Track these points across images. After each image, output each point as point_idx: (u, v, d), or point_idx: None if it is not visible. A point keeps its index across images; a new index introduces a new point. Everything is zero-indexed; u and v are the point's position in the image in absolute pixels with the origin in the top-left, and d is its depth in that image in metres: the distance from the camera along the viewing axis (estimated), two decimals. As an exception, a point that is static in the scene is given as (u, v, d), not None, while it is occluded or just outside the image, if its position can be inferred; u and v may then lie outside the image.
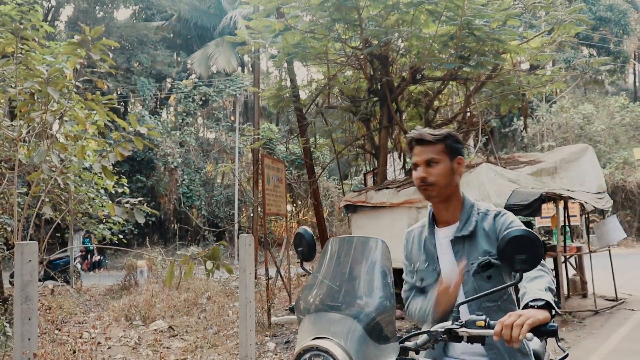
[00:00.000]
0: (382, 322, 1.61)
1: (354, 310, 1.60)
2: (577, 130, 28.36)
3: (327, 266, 1.81)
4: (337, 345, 1.51)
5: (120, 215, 7.29)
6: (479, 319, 1.72)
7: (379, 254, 1.77)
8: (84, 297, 12.01)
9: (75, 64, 7.11)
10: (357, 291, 1.68)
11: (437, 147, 2.22)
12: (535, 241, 1.75)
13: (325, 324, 1.60)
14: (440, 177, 2.21)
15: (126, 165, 24.81)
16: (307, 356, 1.53)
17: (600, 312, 9.32)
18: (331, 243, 1.89)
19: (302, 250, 2.13)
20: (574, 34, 10.33)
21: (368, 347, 1.55)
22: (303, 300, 1.74)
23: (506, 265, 1.82)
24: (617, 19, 33.76)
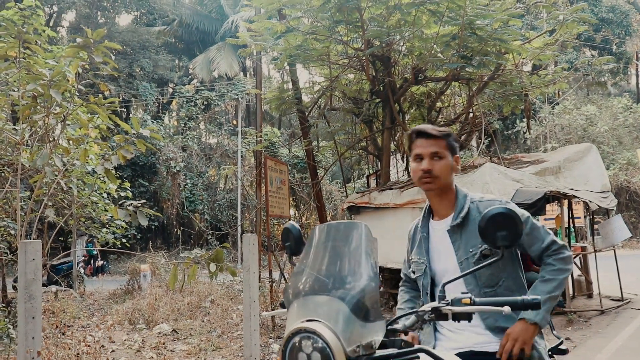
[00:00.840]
0: (368, 302, 1.64)
1: (340, 292, 1.63)
2: (580, 131, 28.33)
3: (313, 252, 1.85)
4: (325, 326, 1.54)
5: (123, 218, 7.27)
6: (464, 296, 1.77)
7: (363, 237, 1.80)
8: (88, 302, 12.00)
9: (77, 67, 7.11)
10: (343, 273, 1.71)
11: (441, 142, 2.29)
12: (515, 218, 1.83)
13: (313, 306, 1.63)
14: (443, 171, 2.28)
15: (129, 170, 24.83)
16: (296, 339, 1.56)
17: (606, 311, 9.27)
18: (317, 230, 1.92)
19: (290, 245, 2.17)
20: (576, 33, 10.32)
21: (355, 326, 1.58)
22: (291, 287, 1.77)
23: (488, 242, 1.88)
24: (619, 20, 33.74)
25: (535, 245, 2.24)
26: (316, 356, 1.53)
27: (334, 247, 1.81)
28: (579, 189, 8.91)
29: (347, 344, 1.54)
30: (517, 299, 1.77)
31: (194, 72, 31.82)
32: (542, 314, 2.12)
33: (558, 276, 2.20)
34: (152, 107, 28.81)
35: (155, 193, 26.31)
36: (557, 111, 29.33)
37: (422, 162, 2.29)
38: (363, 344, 1.59)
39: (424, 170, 2.27)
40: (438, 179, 2.28)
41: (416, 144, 2.32)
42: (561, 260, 2.21)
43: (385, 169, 10.54)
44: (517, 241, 1.86)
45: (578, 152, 9.65)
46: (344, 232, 1.85)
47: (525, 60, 10.48)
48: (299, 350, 1.55)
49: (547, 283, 2.19)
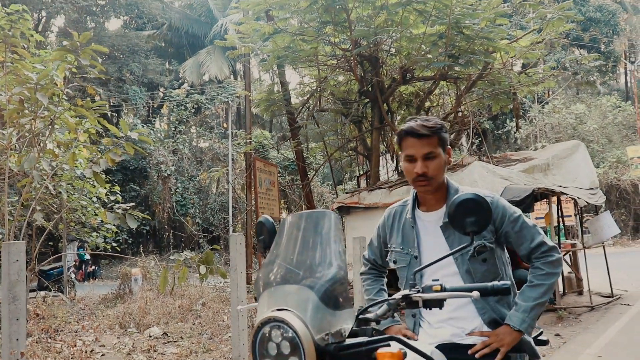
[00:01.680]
0: (337, 290, 1.65)
1: (309, 280, 1.64)
2: (570, 130, 28.47)
3: (282, 242, 1.85)
4: (295, 315, 1.55)
5: (112, 221, 7.27)
6: (435, 284, 1.76)
7: (331, 226, 1.80)
8: (78, 306, 11.93)
9: (64, 70, 7.09)
10: (312, 262, 1.71)
11: (433, 139, 2.20)
12: (483, 203, 1.83)
13: (282, 296, 1.64)
14: (437, 171, 2.21)
15: (119, 174, 24.75)
16: (266, 328, 1.57)
17: (596, 308, 9.32)
18: (286, 220, 1.93)
19: (263, 239, 2.15)
20: (562, 31, 10.38)
21: (324, 315, 1.59)
22: (262, 278, 1.77)
23: (457, 228, 1.88)
24: (607, 20, 33.99)
25: (524, 244, 2.21)
26: (285, 345, 1.54)
27: (303, 237, 1.81)
28: (568, 185, 8.96)
29: (315, 332, 1.54)
30: (487, 285, 1.76)
31: (184, 75, 31.76)
32: (527, 321, 2.11)
33: (546, 281, 2.16)
34: (142, 111, 28.75)
35: (147, 197, 26.24)
36: (546, 110, 29.47)
37: (415, 164, 2.21)
38: (332, 332, 1.60)
39: (418, 173, 2.20)
40: (434, 179, 2.21)
41: (407, 143, 2.23)
42: (550, 264, 2.18)
43: (375, 169, 10.57)
44: (486, 227, 1.85)
45: (566, 150, 9.71)
46: (313, 221, 1.85)
47: (514, 59, 10.54)
48: (269, 339, 1.56)
49: (535, 289, 2.16)
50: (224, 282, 12.51)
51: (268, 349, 1.56)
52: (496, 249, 2.24)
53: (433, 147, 2.19)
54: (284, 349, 1.54)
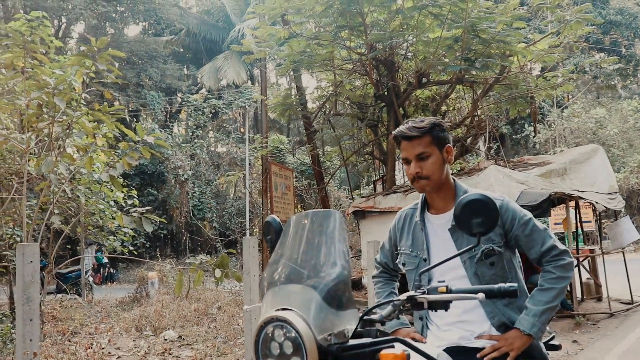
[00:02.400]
0: (340, 290, 1.64)
1: (313, 280, 1.64)
2: (590, 135, 28.15)
3: (287, 241, 1.85)
4: (297, 315, 1.54)
5: (128, 225, 7.32)
6: (440, 285, 1.74)
7: (336, 225, 1.79)
8: (95, 309, 12.02)
9: (82, 75, 7.17)
10: (316, 262, 1.71)
11: (424, 139, 2.20)
12: (490, 204, 1.80)
13: (286, 295, 1.64)
14: (433, 169, 2.21)
15: (137, 178, 24.93)
16: (269, 328, 1.56)
17: (615, 314, 9.18)
18: (292, 219, 1.92)
19: (271, 239, 2.13)
20: (581, 34, 10.27)
21: (327, 315, 1.59)
22: (266, 277, 1.77)
23: (464, 230, 1.85)
24: (628, 23, 33.61)
25: (534, 248, 2.18)
26: (287, 345, 1.53)
27: (307, 236, 1.81)
28: (586, 190, 8.85)
29: (318, 332, 1.53)
30: (494, 286, 1.73)
31: (202, 80, 31.97)
32: (538, 325, 2.08)
33: (557, 285, 2.14)
34: (160, 116, 28.95)
35: (164, 201, 26.39)
36: (566, 115, 29.17)
37: (410, 166, 2.23)
38: (335, 333, 1.59)
39: (413, 174, 2.22)
40: (429, 178, 2.21)
41: (401, 147, 2.26)
42: (561, 268, 2.15)
43: (391, 173, 10.53)
44: (493, 228, 1.82)
45: (584, 154, 9.60)
46: (318, 220, 1.84)
47: (531, 63, 10.45)
48: (272, 339, 1.55)
49: (546, 292, 2.13)
50: (240, 286, 12.53)
51: (270, 348, 1.56)
52: (505, 253, 2.21)
53: (425, 147, 2.20)
54: (287, 349, 1.53)
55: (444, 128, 2.28)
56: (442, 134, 2.25)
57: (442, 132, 2.26)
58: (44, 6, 21.14)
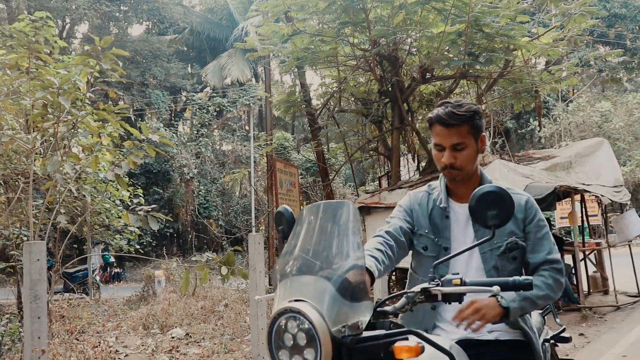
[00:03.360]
0: (354, 281, 1.62)
1: (326, 271, 1.61)
2: (595, 128, 28.03)
3: (300, 232, 1.82)
4: (311, 306, 1.52)
5: (134, 223, 7.34)
6: (455, 277, 1.73)
7: (349, 216, 1.76)
8: (102, 308, 12.07)
9: (87, 75, 7.19)
10: (330, 253, 1.69)
11: (463, 129, 2.09)
12: (505, 196, 1.77)
13: (299, 287, 1.62)
14: (467, 161, 2.13)
15: (143, 178, 25.00)
16: (282, 319, 1.55)
17: (621, 307, 9.17)
18: (305, 210, 1.90)
19: (282, 229, 2.09)
20: (586, 28, 10.23)
21: (341, 306, 1.57)
22: (279, 268, 1.75)
23: (479, 222, 1.83)
24: (633, 16, 33.44)
25: (540, 253, 2.13)
26: (301, 336, 1.51)
27: (321, 227, 1.78)
28: (591, 183, 8.82)
29: (332, 324, 1.51)
30: (509, 279, 1.72)
31: (206, 79, 31.95)
32: (517, 303, 1.99)
33: (547, 290, 2.08)
34: (165, 115, 29.00)
35: (170, 200, 26.45)
36: (571, 109, 29.06)
37: (443, 153, 2.12)
38: (349, 324, 1.57)
39: (446, 164, 2.12)
40: (462, 170, 2.14)
41: (435, 130, 2.14)
42: (556, 281, 2.10)
43: (396, 169, 10.52)
44: (508, 221, 1.79)
45: (589, 147, 9.57)
46: (331, 211, 1.82)
47: (536, 57, 10.42)
48: (285, 331, 1.54)
49: (536, 288, 2.04)
50: (246, 283, 12.56)
51: (284, 340, 1.54)
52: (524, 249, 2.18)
53: (462, 137, 2.10)
54: (300, 341, 1.52)
55: (482, 115, 2.17)
56: (480, 122, 2.15)
57: (480, 120, 2.15)
58: (47, 6, 21.20)
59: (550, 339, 2.55)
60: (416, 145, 11.64)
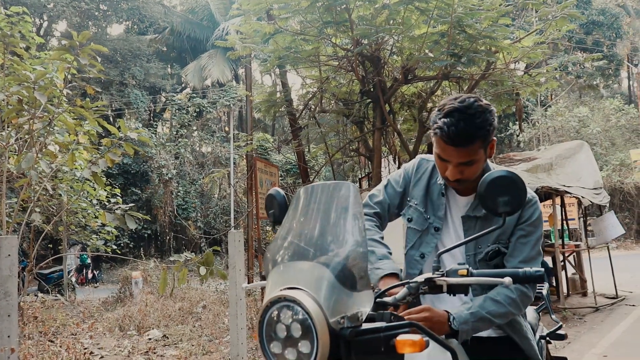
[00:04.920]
0: (355, 269, 1.49)
1: (324, 257, 1.48)
2: (573, 133, 28.40)
3: (296, 215, 1.68)
4: (307, 294, 1.39)
5: (111, 222, 7.20)
6: (461, 267, 1.60)
7: (350, 198, 1.62)
8: (78, 309, 11.86)
9: (64, 71, 7.03)
10: (328, 238, 1.54)
11: (475, 145, 1.87)
12: (517, 181, 1.64)
13: (294, 273, 1.48)
14: (474, 173, 1.94)
15: (121, 178, 24.75)
16: (275, 308, 1.41)
17: (600, 308, 9.26)
18: (300, 192, 1.75)
19: (273, 213, 1.97)
20: (565, 32, 10.29)
21: (340, 295, 1.43)
22: (271, 253, 1.60)
23: (488, 209, 1.68)
24: (610, 23, 33.97)
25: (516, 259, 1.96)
26: (296, 327, 1.39)
27: (318, 210, 1.64)
28: (572, 185, 8.86)
29: (330, 314, 1.39)
30: (519, 270, 1.59)
31: (186, 79, 31.77)
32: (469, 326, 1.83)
33: (510, 307, 1.90)
34: (144, 115, 28.73)
35: (148, 201, 26.21)
36: (549, 113, 29.41)
37: (446, 164, 1.93)
38: (348, 315, 1.45)
39: (450, 178, 1.94)
40: (468, 180, 1.95)
41: (439, 144, 1.91)
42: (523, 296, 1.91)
43: (377, 170, 10.47)
44: (519, 208, 1.65)
45: (570, 149, 9.63)
46: (330, 193, 1.68)
47: (516, 59, 10.45)
48: (278, 321, 1.41)
49: (496, 304, 1.88)
50: (225, 284, 12.44)
51: (276, 331, 1.42)
52: None
53: (472, 155, 1.88)
54: (295, 332, 1.39)
55: (495, 119, 1.92)
56: (493, 131, 1.91)
57: (493, 129, 1.91)
58: (24, 2, 20.86)
59: (546, 336, 2.50)
60: (397, 147, 11.61)
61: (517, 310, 1.93)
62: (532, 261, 1.96)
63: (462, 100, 1.88)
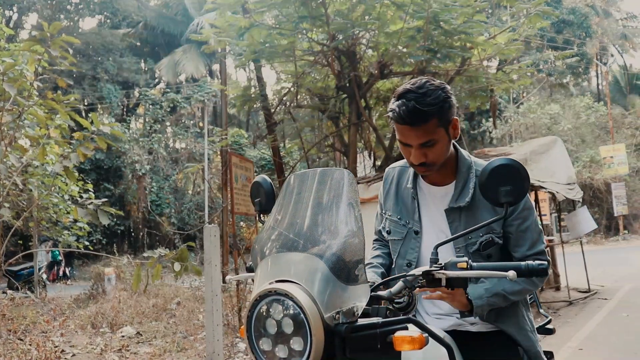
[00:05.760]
0: (351, 260, 1.40)
1: (317, 248, 1.39)
2: (545, 130, 28.77)
3: (286, 203, 1.59)
4: (299, 287, 1.31)
5: (83, 217, 7.06)
6: (460, 260, 1.53)
7: (344, 186, 1.53)
8: (49, 307, 11.64)
9: (34, 62, 6.87)
10: (321, 227, 1.46)
11: (430, 124, 1.82)
12: (520, 170, 1.58)
13: (285, 265, 1.40)
14: (439, 155, 1.89)
15: (93, 173, 24.42)
16: (265, 302, 1.33)
17: (574, 302, 9.40)
18: (291, 178, 1.67)
19: (259, 201, 1.88)
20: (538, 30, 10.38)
21: (335, 288, 1.35)
22: (259, 244, 1.51)
23: (490, 199, 1.63)
24: (580, 22, 34.55)
25: (522, 248, 1.93)
26: (287, 322, 1.31)
27: (311, 198, 1.55)
28: (546, 180, 8.95)
29: (325, 309, 1.31)
30: (521, 264, 1.53)
31: (160, 74, 31.44)
32: (484, 300, 1.83)
33: (525, 285, 1.88)
34: (117, 110, 28.36)
35: (121, 197, 25.91)
36: (522, 110, 29.77)
37: (410, 149, 1.88)
38: (344, 310, 1.36)
39: (415, 163, 1.89)
40: (434, 165, 1.90)
41: (397, 127, 1.86)
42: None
43: (352, 165, 10.45)
44: (522, 197, 1.60)
45: (544, 145, 9.73)
46: (323, 180, 1.59)
47: (491, 56, 10.52)
48: (268, 316, 1.33)
49: (510, 284, 1.84)
50: (200, 281, 12.33)
51: (266, 326, 1.33)
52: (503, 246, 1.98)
53: (430, 134, 1.83)
54: (286, 328, 1.31)
55: (451, 97, 1.88)
56: (450, 108, 1.87)
57: (450, 106, 1.87)
58: (-7, -5, 20.42)
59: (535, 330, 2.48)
60: (373, 142, 11.61)
61: (532, 287, 1.92)
62: (538, 242, 1.95)
63: (414, 82, 1.86)
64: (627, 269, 14.24)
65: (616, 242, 26.74)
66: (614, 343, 6.52)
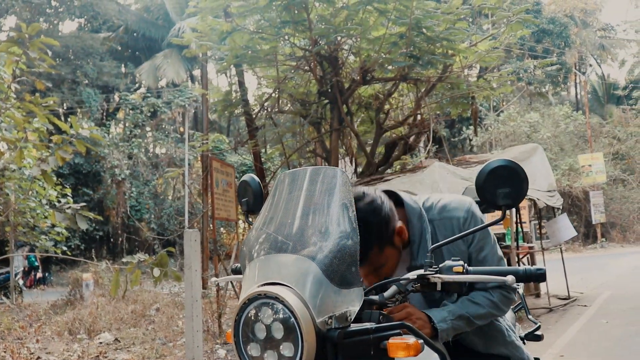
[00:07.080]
0: (344, 262, 1.35)
1: (309, 250, 1.34)
2: (525, 138, 29.04)
3: (277, 203, 1.53)
4: (290, 290, 1.26)
5: (61, 222, 6.96)
6: (456, 264, 1.48)
7: (337, 185, 1.48)
8: (25, 313, 11.45)
9: (12, 64, 6.76)
10: (313, 228, 1.40)
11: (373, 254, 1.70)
12: (519, 171, 1.53)
13: (275, 267, 1.34)
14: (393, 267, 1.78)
15: (72, 178, 24.13)
16: (253, 306, 1.28)
17: (554, 309, 9.45)
18: (282, 177, 1.60)
19: (247, 201, 1.82)
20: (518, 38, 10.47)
21: (328, 292, 1.30)
22: (247, 245, 1.45)
23: (488, 202, 1.56)
24: (559, 32, 35.03)
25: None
26: (277, 327, 1.25)
27: (303, 197, 1.49)
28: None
29: (317, 313, 1.26)
30: (519, 269, 1.49)
31: (140, 79, 31.21)
32: (449, 323, 1.70)
33: (490, 308, 1.79)
34: (96, 114, 28.08)
35: (100, 202, 25.63)
36: (502, 118, 30.04)
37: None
38: (337, 315, 1.31)
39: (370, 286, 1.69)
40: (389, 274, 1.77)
41: None
42: (504, 299, 1.81)
43: (334, 171, 10.44)
44: (521, 199, 1.55)
45: (524, 152, 9.78)
46: (315, 179, 1.53)
47: (472, 63, 10.59)
48: (256, 320, 1.27)
49: (474, 306, 1.77)
50: (179, 287, 12.21)
51: (255, 331, 1.28)
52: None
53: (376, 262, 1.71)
54: (276, 333, 1.26)
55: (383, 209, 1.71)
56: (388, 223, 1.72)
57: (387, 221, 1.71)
58: (-29, -4, 20.14)
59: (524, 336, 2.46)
60: (354, 148, 11.60)
61: (498, 312, 1.83)
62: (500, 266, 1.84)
63: None
64: (606, 276, 14.38)
65: (594, 250, 27.03)
66: (594, 349, 6.56)
